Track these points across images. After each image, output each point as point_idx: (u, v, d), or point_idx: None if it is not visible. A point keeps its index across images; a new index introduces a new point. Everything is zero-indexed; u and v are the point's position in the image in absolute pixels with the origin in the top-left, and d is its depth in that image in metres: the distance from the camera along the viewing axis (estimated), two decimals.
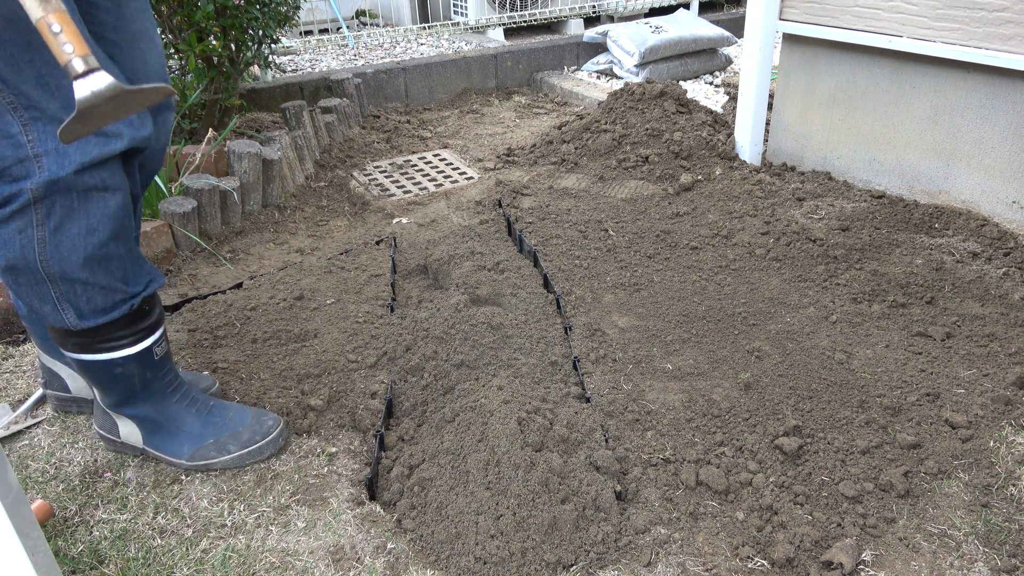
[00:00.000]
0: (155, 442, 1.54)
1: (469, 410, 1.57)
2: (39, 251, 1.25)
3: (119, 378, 1.44)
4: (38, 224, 1.23)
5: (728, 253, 2.35)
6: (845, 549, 1.31)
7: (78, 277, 1.29)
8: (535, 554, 1.30)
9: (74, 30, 0.99)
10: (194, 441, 1.52)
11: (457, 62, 4.30)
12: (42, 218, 1.23)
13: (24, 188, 1.20)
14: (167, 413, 1.52)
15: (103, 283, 1.32)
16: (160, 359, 1.48)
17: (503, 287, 2.12)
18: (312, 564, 1.33)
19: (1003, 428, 1.60)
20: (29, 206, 1.21)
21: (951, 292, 2.10)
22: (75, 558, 1.35)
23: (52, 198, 1.22)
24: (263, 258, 2.46)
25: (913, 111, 2.59)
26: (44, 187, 1.21)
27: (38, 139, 1.18)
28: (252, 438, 1.54)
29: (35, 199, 1.21)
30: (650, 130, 3.05)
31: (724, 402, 1.69)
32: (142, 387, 1.47)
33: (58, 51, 0.99)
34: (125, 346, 1.40)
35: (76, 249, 1.27)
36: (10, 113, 1.16)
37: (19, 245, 1.24)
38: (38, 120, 1.18)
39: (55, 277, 1.28)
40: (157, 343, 1.46)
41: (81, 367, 1.42)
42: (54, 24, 0.98)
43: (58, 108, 1.19)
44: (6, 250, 1.25)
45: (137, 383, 1.46)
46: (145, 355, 1.44)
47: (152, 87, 1.04)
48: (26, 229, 1.23)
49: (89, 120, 1.02)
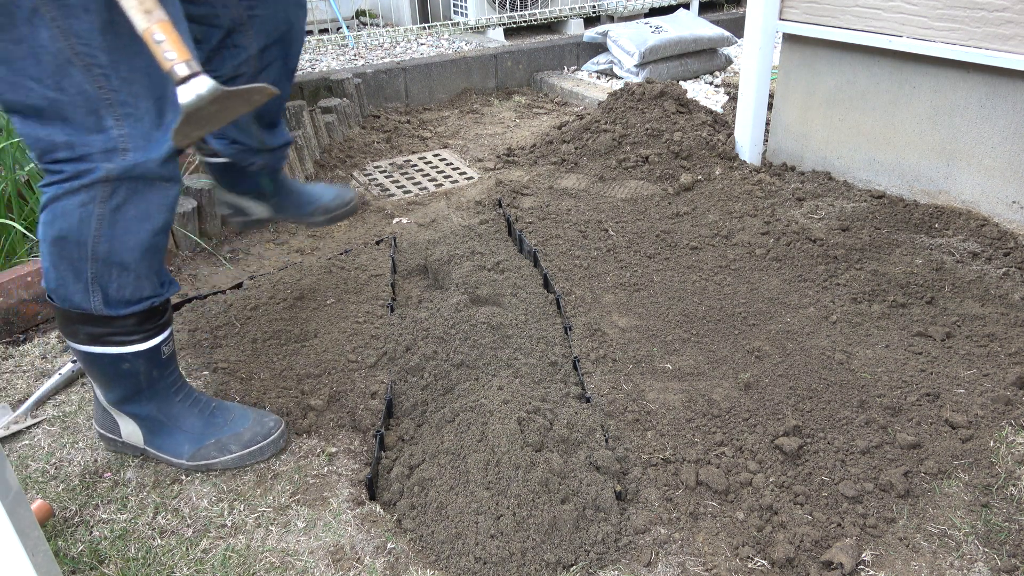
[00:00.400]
0: (156, 442, 1.54)
1: (469, 410, 1.57)
2: (95, 227, 1.29)
3: (125, 374, 1.44)
4: (101, 201, 1.27)
5: (728, 253, 2.35)
6: (845, 549, 1.31)
7: (121, 260, 1.33)
8: (535, 554, 1.30)
9: (176, 38, 1.07)
10: (195, 441, 1.53)
11: (457, 62, 4.30)
12: (106, 196, 1.27)
13: (99, 167, 1.24)
14: (169, 413, 1.53)
15: (141, 272, 1.36)
16: (167, 358, 1.49)
17: (503, 287, 2.12)
18: (312, 564, 1.33)
19: (1003, 428, 1.60)
20: (97, 184, 1.26)
21: (951, 292, 2.10)
22: (75, 558, 1.35)
23: (121, 181, 1.27)
24: (263, 258, 2.46)
25: (913, 111, 2.59)
26: (121, 171, 1.26)
27: (129, 134, 1.25)
28: (253, 439, 1.54)
29: (106, 179, 1.26)
30: (650, 130, 3.05)
31: (724, 402, 1.69)
32: (147, 385, 1.48)
33: (161, 58, 1.06)
34: (135, 342, 1.41)
35: (129, 232, 1.31)
36: (107, 109, 1.22)
37: (78, 218, 1.27)
38: (131, 116, 1.25)
39: (99, 256, 1.31)
40: (165, 342, 1.47)
41: (88, 360, 1.42)
42: (157, 34, 1.05)
43: (149, 106, 1.26)
44: (63, 220, 1.28)
45: (143, 381, 1.46)
46: (153, 353, 1.45)
47: (251, 87, 1.10)
48: (88, 204, 1.27)
49: (195, 122, 1.09)
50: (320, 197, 2.04)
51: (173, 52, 1.06)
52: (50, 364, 1.89)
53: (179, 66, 1.06)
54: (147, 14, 1.06)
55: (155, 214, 1.33)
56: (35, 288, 2.06)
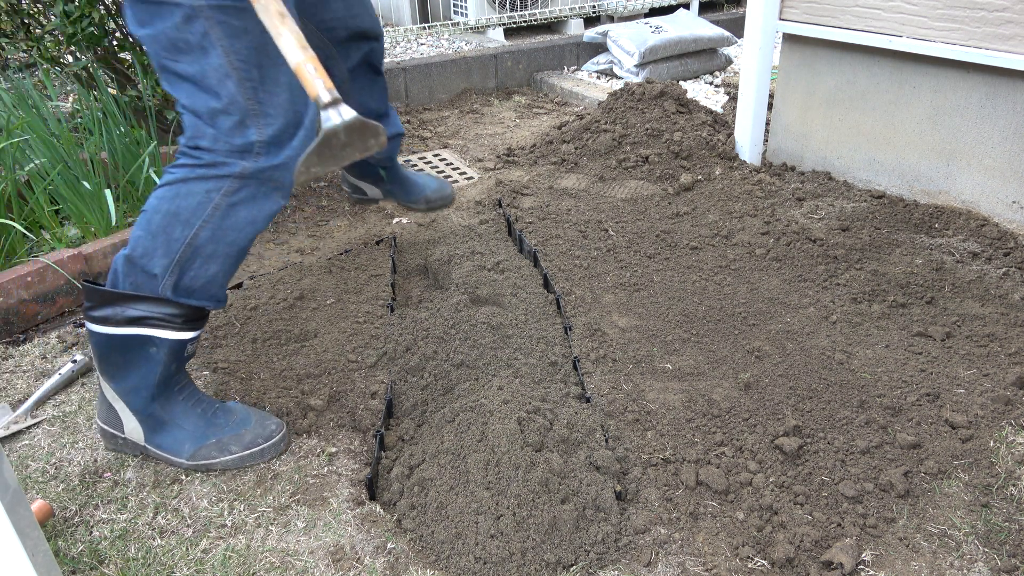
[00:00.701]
0: (156, 440, 1.55)
1: (469, 410, 1.57)
2: (208, 214, 1.41)
3: (146, 360, 1.47)
4: (225, 193, 1.41)
5: (728, 253, 2.35)
6: (845, 549, 1.31)
7: (213, 251, 1.44)
8: (535, 554, 1.30)
9: (323, 70, 1.24)
10: (196, 440, 1.53)
11: (457, 62, 4.30)
12: (231, 191, 1.42)
13: (236, 164, 1.40)
14: (172, 411, 1.54)
15: (221, 270, 1.48)
16: (186, 357, 1.54)
17: (503, 287, 2.12)
18: (312, 564, 1.33)
19: (1003, 428, 1.60)
20: (228, 178, 1.40)
21: (951, 292, 2.10)
22: (75, 558, 1.35)
23: (249, 180, 1.42)
24: (263, 258, 2.46)
25: (913, 111, 2.59)
26: (253, 171, 1.41)
27: (266, 142, 1.40)
28: (255, 440, 1.55)
29: (240, 175, 1.41)
30: (650, 130, 3.05)
31: (724, 402, 1.69)
32: (160, 379, 1.50)
33: (311, 85, 1.22)
34: (173, 329, 1.46)
35: (234, 228, 1.45)
36: (251, 117, 1.38)
37: (198, 201, 1.40)
38: (270, 127, 1.40)
39: (197, 242, 1.42)
40: (192, 341, 1.52)
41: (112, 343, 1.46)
42: (310, 65, 1.23)
43: (285, 123, 1.42)
44: (184, 199, 1.40)
45: (159, 372, 1.49)
46: (180, 346, 1.49)
47: (378, 125, 1.26)
48: (212, 192, 1.41)
49: (327, 148, 1.23)
50: (424, 188, 2.36)
51: (320, 80, 1.22)
52: (50, 364, 1.89)
53: (324, 93, 1.22)
54: (303, 49, 1.24)
55: (260, 221, 1.46)
56: (35, 288, 2.06)
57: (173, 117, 2.87)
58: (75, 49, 2.85)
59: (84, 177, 2.35)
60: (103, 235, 2.33)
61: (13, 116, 2.49)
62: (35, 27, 2.88)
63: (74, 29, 2.65)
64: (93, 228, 2.34)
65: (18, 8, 2.82)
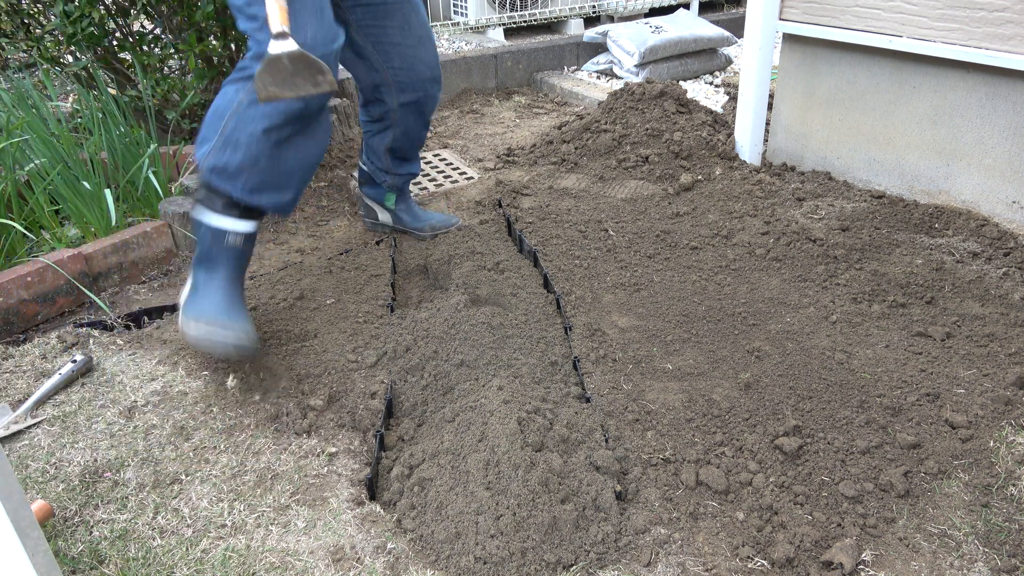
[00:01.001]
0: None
1: (469, 410, 1.57)
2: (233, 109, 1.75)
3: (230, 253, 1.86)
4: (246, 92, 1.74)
5: (728, 253, 2.35)
6: (845, 549, 1.31)
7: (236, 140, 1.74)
8: (535, 554, 1.30)
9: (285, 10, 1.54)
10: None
11: (457, 62, 4.30)
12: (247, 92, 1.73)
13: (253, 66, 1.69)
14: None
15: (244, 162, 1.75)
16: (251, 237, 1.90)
17: (503, 287, 2.12)
18: (312, 564, 1.33)
19: (1003, 428, 1.60)
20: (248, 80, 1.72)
21: (951, 292, 2.10)
22: (75, 558, 1.35)
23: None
24: (263, 258, 2.46)
25: (913, 111, 2.59)
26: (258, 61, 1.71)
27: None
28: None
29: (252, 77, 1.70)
30: (650, 130, 3.05)
31: (724, 402, 1.69)
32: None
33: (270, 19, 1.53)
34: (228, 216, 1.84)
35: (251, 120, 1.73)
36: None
37: (228, 99, 1.76)
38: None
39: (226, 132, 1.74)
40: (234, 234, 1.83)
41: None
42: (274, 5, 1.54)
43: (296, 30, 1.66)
44: (221, 98, 1.77)
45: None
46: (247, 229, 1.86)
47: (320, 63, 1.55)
48: (239, 92, 1.75)
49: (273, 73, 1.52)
50: (430, 219, 2.56)
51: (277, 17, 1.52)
52: (50, 364, 1.89)
53: (276, 25, 1.50)
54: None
55: (275, 115, 1.71)
56: (35, 288, 2.06)
57: (173, 117, 2.87)
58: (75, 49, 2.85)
59: (84, 177, 2.35)
60: (103, 235, 2.33)
61: (13, 116, 2.49)
62: (35, 27, 2.88)
63: (74, 29, 2.66)
64: (93, 228, 2.34)
65: (18, 8, 2.82)
